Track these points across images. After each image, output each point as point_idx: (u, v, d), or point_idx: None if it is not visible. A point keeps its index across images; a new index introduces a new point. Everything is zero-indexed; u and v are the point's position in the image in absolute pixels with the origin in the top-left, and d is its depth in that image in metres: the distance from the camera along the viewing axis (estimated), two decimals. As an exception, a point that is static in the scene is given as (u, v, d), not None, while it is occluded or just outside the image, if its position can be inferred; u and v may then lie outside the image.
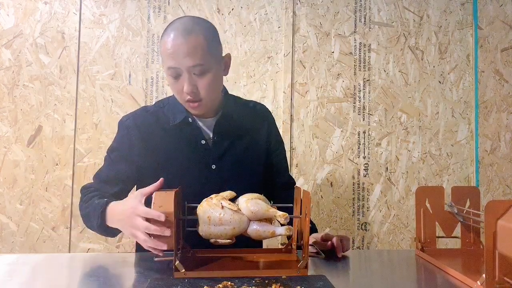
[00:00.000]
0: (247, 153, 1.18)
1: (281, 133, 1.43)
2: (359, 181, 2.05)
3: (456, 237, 1.07)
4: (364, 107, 2.06)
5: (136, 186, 1.17)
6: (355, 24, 2.08)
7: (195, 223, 0.90)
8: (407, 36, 2.10)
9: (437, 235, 1.07)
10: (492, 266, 0.74)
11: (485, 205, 0.74)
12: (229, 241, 0.89)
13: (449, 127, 2.10)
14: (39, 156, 1.91)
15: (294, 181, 1.32)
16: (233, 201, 0.91)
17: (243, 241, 0.94)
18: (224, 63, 1.12)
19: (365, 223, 2.04)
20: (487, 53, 2.12)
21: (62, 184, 1.91)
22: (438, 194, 1.07)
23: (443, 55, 2.11)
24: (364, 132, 2.06)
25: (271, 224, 0.90)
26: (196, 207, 0.90)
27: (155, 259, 0.89)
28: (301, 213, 0.92)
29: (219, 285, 0.76)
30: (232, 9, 2.02)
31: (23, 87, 1.92)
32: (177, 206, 0.84)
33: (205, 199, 0.91)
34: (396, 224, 2.05)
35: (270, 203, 0.94)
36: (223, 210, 0.87)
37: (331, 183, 2.03)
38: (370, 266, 1.05)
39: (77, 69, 1.94)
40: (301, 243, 0.91)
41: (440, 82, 2.11)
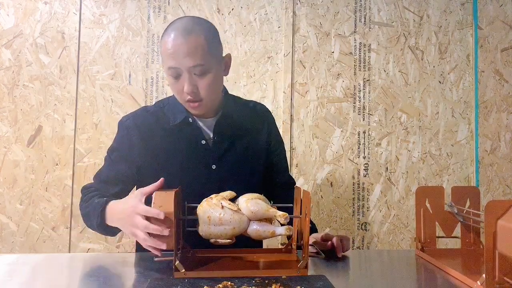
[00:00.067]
0: (247, 153, 1.18)
1: (281, 133, 1.43)
2: (359, 181, 2.05)
3: (456, 237, 1.07)
4: (364, 107, 2.06)
5: (136, 186, 1.17)
6: (355, 24, 2.08)
7: (195, 223, 0.90)
8: (407, 36, 2.10)
9: (437, 235, 1.07)
10: (492, 266, 0.74)
11: (485, 205, 0.74)
12: (229, 241, 0.89)
13: (449, 127, 2.10)
14: (39, 156, 1.91)
15: (294, 181, 1.32)
16: (233, 201, 0.91)
17: (243, 241, 0.94)
18: (225, 63, 1.12)
19: (365, 223, 2.04)
20: (487, 53, 2.12)
21: (62, 184, 1.91)
22: (438, 194, 1.07)
23: (443, 55, 2.11)
24: (364, 132, 2.06)
25: (271, 224, 0.90)
26: (196, 207, 0.90)
27: (155, 259, 0.89)
28: (301, 213, 0.92)
29: (219, 285, 0.76)
30: (232, 9, 2.02)
31: (23, 87, 1.92)
32: (177, 206, 0.84)
33: (205, 199, 0.91)
34: (396, 224, 2.05)
35: (270, 203, 0.94)
36: (223, 210, 0.87)
37: (331, 183, 2.03)
38: (370, 266, 1.05)
39: (77, 69, 1.94)
40: (301, 243, 0.91)
41: (440, 82, 2.11)
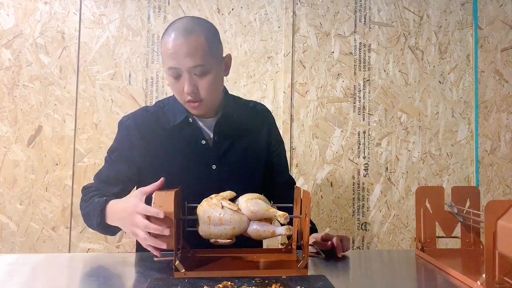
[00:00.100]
0: (247, 153, 1.18)
1: (281, 133, 1.43)
2: (359, 181, 2.05)
3: (456, 237, 1.07)
4: (364, 107, 2.06)
5: (136, 186, 1.17)
6: (355, 24, 2.08)
7: (195, 223, 0.90)
8: (407, 36, 2.10)
9: (437, 235, 1.07)
10: (492, 266, 0.74)
11: (485, 205, 0.74)
12: (229, 241, 0.89)
13: (449, 127, 2.10)
14: (39, 156, 1.91)
15: (294, 181, 1.32)
16: (233, 201, 0.91)
17: (243, 241, 0.94)
18: (225, 64, 1.12)
19: (365, 223, 2.04)
20: (487, 53, 2.12)
21: (62, 184, 1.91)
22: (438, 194, 1.07)
23: (443, 55, 2.11)
24: (364, 132, 2.06)
25: (271, 224, 0.90)
26: (196, 207, 0.90)
27: (155, 259, 0.89)
28: (301, 213, 0.92)
29: (219, 285, 0.76)
30: (232, 9, 2.02)
31: (23, 87, 1.92)
32: (177, 206, 0.84)
33: (205, 199, 0.91)
34: (396, 224, 2.05)
35: (270, 203, 0.94)
36: (223, 210, 0.87)
37: (331, 183, 2.03)
38: (370, 266, 1.05)
39: (77, 69, 1.94)
40: (301, 243, 0.91)
41: (440, 82, 2.11)
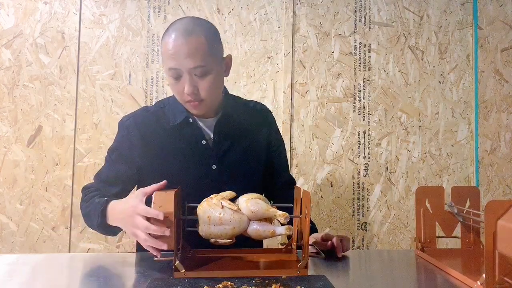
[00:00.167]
0: (248, 153, 1.18)
1: (281, 133, 1.43)
2: (359, 181, 2.05)
3: (456, 237, 1.07)
4: (364, 107, 2.06)
5: (136, 186, 1.17)
6: (355, 24, 2.08)
7: (195, 223, 0.90)
8: (407, 36, 2.10)
9: (437, 235, 1.07)
10: (492, 266, 0.74)
11: (485, 205, 0.74)
12: (229, 241, 0.89)
13: (449, 127, 2.10)
14: (39, 156, 1.91)
15: (295, 181, 1.32)
16: (233, 201, 0.91)
17: (243, 241, 0.94)
18: (225, 64, 1.12)
19: (365, 223, 2.04)
20: (487, 53, 2.12)
21: (62, 184, 1.91)
22: (438, 194, 1.07)
23: (443, 55, 2.11)
24: (364, 132, 2.06)
25: (271, 224, 0.90)
26: (196, 207, 0.90)
27: (155, 259, 0.89)
28: (301, 213, 0.92)
29: (219, 285, 0.76)
30: (232, 9, 2.02)
31: (23, 87, 1.92)
32: (177, 206, 0.84)
33: (205, 199, 0.91)
34: (396, 224, 2.05)
35: (270, 203, 0.94)
36: (223, 210, 0.87)
37: (331, 183, 2.03)
38: (370, 266, 1.05)
39: (77, 69, 1.94)
40: (301, 243, 0.91)
41: (440, 82, 2.11)
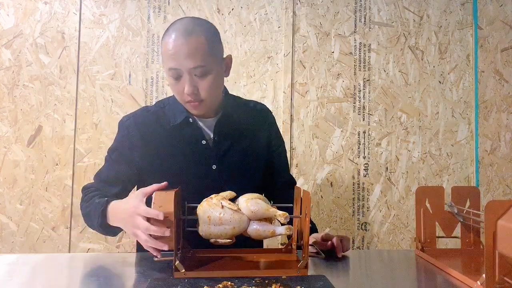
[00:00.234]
0: (248, 153, 1.18)
1: (281, 133, 1.43)
2: (359, 181, 2.05)
3: (456, 237, 1.07)
4: (364, 107, 2.06)
5: (136, 186, 1.17)
6: (355, 24, 2.08)
7: (195, 223, 0.90)
8: (407, 36, 2.10)
9: (437, 235, 1.07)
10: (492, 266, 0.74)
11: (485, 205, 0.74)
12: (229, 241, 0.89)
13: (449, 127, 2.10)
14: (39, 156, 1.91)
15: (295, 181, 1.32)
16: (233, 201, 0.91)
17: (243, 241, 0.94)
18: (225, 64, 1.12)
19: (365, 223, 2.04)
20: (487, 53, 2.12)
21: (62, 184, 1.91)
22: (438, 194, 1.07)
23: (443, 55, 2.11)
24: (364, 132, 2.06)
25: (271, 223, 0.90)
26: (196, 207, 0.90)
27: (155, 259, 0.89)
28: (301, 213, 0.92)
29: (219, 285, 0.76)
30: (232, 9, 2.02)
31: (23, 87, 1.92)
32: (177, 206, 0.84)
33: (205, 199, 0.91)
34: (396, 224, 2.05)
35: (270, 203, 0.94)
36: (223, 210, 0.87)
37: (331, 183, 2.03)
38: (370, 266, 1.05)
39: (77, 69, 1.94)
40: (301, 243, 0.91)
41: (440, 82, 2.11)
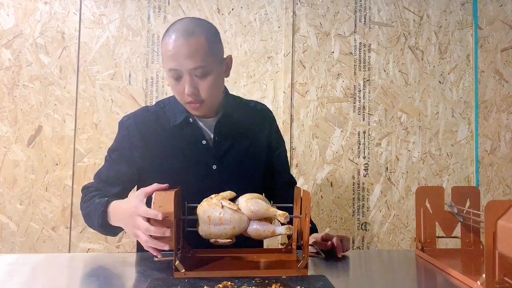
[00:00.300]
0: (248, 153, 1.18)
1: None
2: (359, 181, 2.05)
3: (456, 237, 1.07)
4: (364, 107, 2.06)
5: (136, 186, 1.17)
6: (355, 24, 2.08)
7: (195, 223, 0.90)
8: (407, 36, 2.10)
9: (437, 235, 1.07)
10: (492, 266, 0.74)
11: (485, 205, 0.74)
12: (229, 241, 0.89)
13: (449, 127, 2.10)
14: (39, 156, 1.91)
15: (295, 181, 1.32)
16: (233, 201, 0.91)
17: (243, 241, 0.94)
18: (226, 65, 1.12)
19: (365, 223, 2.04)
20: (487, 53, 2.12)
21: (62, 184, 1.91)
22: (438, 194, 1.07)
23: (443, 55, 2.11)
24: (364, 132, 2.06)
25: (271, 223, 0.90)
26: (196, 207, 0.90)
27: (155, 259, 0.89)
28: (301, 213, 0.92)
29: (219, 285, 0.76)
30: (232, 9, 2.02)
31: (23, 87, 1.92)
32: (177, 206, 0.84)
33: (205, 199, 0.91)
34: (396, 224, 2.05)
35: (270, 203, 0.94)
36: (223, 210, 0.87)
37: (331, 183, 2.03)
38: (370, 266, 1.05)
39: (77, 69, 1.94)
40: (301, 243, 0.91)
41: (440, 82, 2.11)
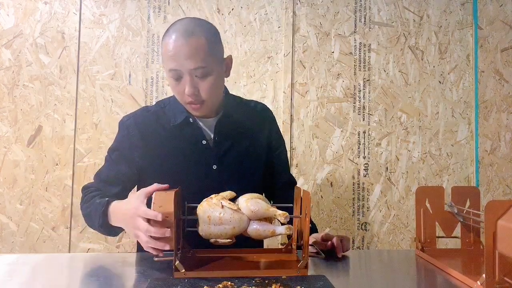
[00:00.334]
0: (248, 153, 1.18)
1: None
2: (359, 181, 2.05)
3: (456, 237, 1.07)
4: (364, 107, 2.06)
5: (136, 186, 1.17)
6: (355, 24, 2.08)
7: (195, 223, 0.90)
8: (407, 36, 2.10)
9: (437, 235, 1.07)
10: (492, 266, 0.74)
11: (485, 205, 0.74)
12: (229, 241, 0.89)
13: (449, 127, 2.10)
14: (39, 156, 1.91)
15: (295, 181, 1.32)
16: (233, 201, 0.91)
17: (243, 241, 0.94)
18: (226, 65, 1.12)
19: (365, 223, 2.04)
20: (487, 53, 2.12)
21: (62, 184, 1.91)
22: (438, 194, 1.07)
23: (443, 55, 2.11)
24: (364, 132, 2.06)
25: (271, 223, 0.90)
26: (196, 207, 0.90)
27: (155, 259, 0.89)
28: (301, 213, 0.92)
29: (219, 285, 0.76)
30: (232, 9, 2.02)
31: (23, 87, 1.92)
32: (177, 206, 0.84)
33: (205, 199, 0.91)
34: (396, 224, 2.05)
35: (270, 203, 0.94)
36: (223, 210, 0.87)
37: (331, 183, 2.03)
38: (370, 266, 1.05)
39: (77, 69, 1.94)
40: (301, 243, 0.91)
41: (440, 82, 2.11)
